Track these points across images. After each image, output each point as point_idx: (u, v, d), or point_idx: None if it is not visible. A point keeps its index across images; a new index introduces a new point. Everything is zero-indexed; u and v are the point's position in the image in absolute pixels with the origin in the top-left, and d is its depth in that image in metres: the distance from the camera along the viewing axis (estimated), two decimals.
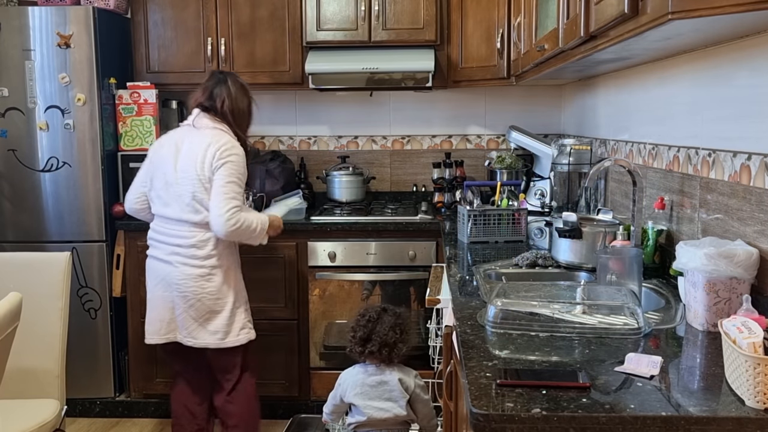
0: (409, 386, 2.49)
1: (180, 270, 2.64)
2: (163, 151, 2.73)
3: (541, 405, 1.19)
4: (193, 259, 2.64)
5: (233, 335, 2.71)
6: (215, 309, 2.67)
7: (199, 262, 2.64)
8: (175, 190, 2.65)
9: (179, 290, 2.65)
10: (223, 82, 2.75)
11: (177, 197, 2.65)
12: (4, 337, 1.91)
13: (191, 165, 2.63)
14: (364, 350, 2.51)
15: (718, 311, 1.57)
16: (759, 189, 1.64)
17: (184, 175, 2.64)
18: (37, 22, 3.27)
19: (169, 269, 2.66)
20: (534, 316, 1.67)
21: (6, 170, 3.35)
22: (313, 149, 3.97)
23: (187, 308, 2.66)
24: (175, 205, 2.66)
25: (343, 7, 3.43)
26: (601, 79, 3.01)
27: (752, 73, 1.68)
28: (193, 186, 2.62)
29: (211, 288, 2.65)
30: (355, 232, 3.32)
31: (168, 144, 2.74)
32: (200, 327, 2.67)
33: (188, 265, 2.64)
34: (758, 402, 1.17)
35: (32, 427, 2.25)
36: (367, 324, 2.53)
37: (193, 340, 2.69)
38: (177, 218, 2.66)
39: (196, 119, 2.72)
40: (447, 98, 3.90)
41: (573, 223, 2.25)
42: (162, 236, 2.70)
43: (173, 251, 2.67)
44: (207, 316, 2.67)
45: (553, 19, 2.16)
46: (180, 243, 2.65)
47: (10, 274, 2.51)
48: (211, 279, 2.66)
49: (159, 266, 2.70)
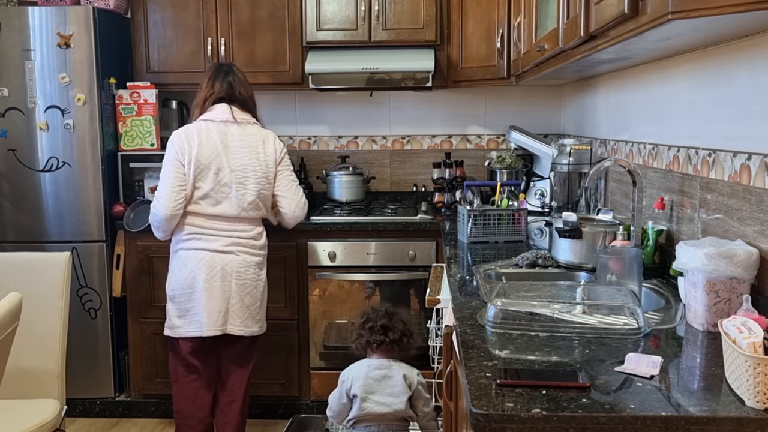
0: (413, 383, 2.49)
1: (242, 258, 2.73)
2: (206, 148, 2.67)
3: (541, 405, 1.18)
4: (253, 249, 2.76)
5: (264, 323, 2.89)
6: (263, 297, 2.83)
7: (257, 251, 2.78)
8: (234, 188, 2.68)
9: (239, 279, 2.72)
10: (231, 72, 2.83)
11: (236, 196, 2.68)
12: (4, 337, 1.91)
13: (253, 163, 2.71)
14: (385, 339, 2.51)
15: (718, 311, 1.57)
16: (759, 189, 1.64)
17: (244, 175, 2.69)
18: (37, 22, 3.27)
19: (230, 258, 2.70)
20: (534, 316, 1.67)
21: (6, 170, 3.35)
22: (313, 149, 3.97)
23: (243, 296, 2.73)
24: (232, 203, 2.69)
25: (343, 7, 3.43)
26: (601, 79, 3.01)
27: (752, 73, 1.68)
28: (259, 185, 2.72)
29: (263, 276, 2.84)
30: (355, 232, 3.32)
31: (208, 143, 2.68)
32: (251, 316, 2.78)
33: (249, 254, 2.75)
34: (758, 402, 1.17)
35: (32, 427, 2.25)
36: (385, 315, 2.57)
37: (245, 329, 2.77)
38: (235, 216, 2.70)
39: (235, 114, 2.75)
40: (447, 98, 3.90)
41: (573, 223, 2.25)
42: (216, 231, 2.70)
43: (234, 242, 2.71)
44: (258, 304, 2.80)
45: (553, 19, 2.16)
46: (240, 235, 2.73)
47: (10, 274, 2.51)
48: (263, 267, 2.83)
49: (217, 257, 2.69)
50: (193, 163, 2.66)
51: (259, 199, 2.74)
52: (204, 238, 2.70)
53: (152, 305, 3.35)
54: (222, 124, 2.73)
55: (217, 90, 2.77)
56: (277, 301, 3.31)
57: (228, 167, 2.67)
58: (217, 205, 2.69)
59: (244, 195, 2.70)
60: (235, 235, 2.72)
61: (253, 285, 2.76)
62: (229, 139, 2.71)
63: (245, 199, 2.70)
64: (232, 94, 2.78)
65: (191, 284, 2.70)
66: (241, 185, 2.69)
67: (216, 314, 2.70)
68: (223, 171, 2.67)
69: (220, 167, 2.67)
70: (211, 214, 2.69)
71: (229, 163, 2.67)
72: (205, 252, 2.70)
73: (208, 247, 2.69)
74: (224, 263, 2.69)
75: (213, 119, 2.74)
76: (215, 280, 2.69)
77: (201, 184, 2.67)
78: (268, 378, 3.40)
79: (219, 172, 2.67)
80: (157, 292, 3.29)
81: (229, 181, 2.67)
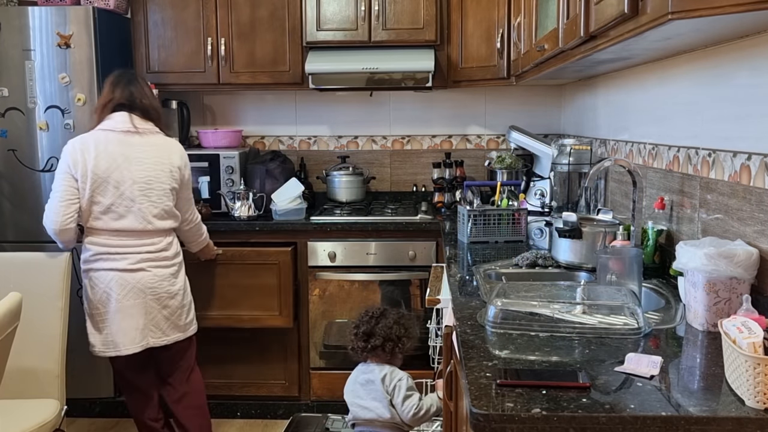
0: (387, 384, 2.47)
1: (153, 273, 2.63)
2: (102, 163, 2.55)
3: (541, 405, 1.19)
4: (165, 261, 2.68)
5: (194, 323, 2.84)
6: (183, 303, 2.75)
7: (169, 262, 2.70)
8: (136, 203, 2.57)
9: (153, 293, 2.63)
10: (134, 80, 2.72)
11: (140, 209, 2.58)
12: (4, 337, 1.91)
13: (158, 175, 2.62)
14: (366, 345, 2.50)
15: (718, 311, 1.57)
16: (759, 189, 1.64)
17: (149, 187, 2.60)
18: (37, 22, 3.27)
19: (141, 275, 2.60)
20: (534, 316, 1.67)
21: (6, 170, 3.35)
22: (313, 149, 3.97)
23: (160, 309, 2.66)
24: (137, 216, 2.58)
25: (343, 7, 3.43)
26: (601, 79, 3.01)
27: (752, 73, 1.68)
28: (164, 197, 2.65)
29: (180, 283, 2.75)
30: (355, 232, 3.32)
31: (106, 154, 2.56)
32: (172, 324, 2.72)
33: (161, 267, 2.66)
34: (758, 402, 1.17)
35: (32, 427, 2.25)
36: (369, 320, 2.54)
37: (166, 339, 2.71)
38: (140, 229, 2.60)
39: (135, 122, 2.63)
40: (447, 98, 3.90)
41: (573, 223, 2.25)
42: (121, 248, 2.59)
43: (142, 258, 2.61)
44: (178, 312, 2.72)
45: (553, 19, 2.16)
46: (149, 250, 2.63)
47: (10, 274, 2.51)
48: (178, 275, 2.75)
49: (127, 276, 2.58)
50: (89, 177, 2.54)
51: (164, 212, 2.64)
52: (111, 258, 2.59)
53: None
54: (122, 134, 2.60)
55: (117, 97, 2.65)
56: (270, 309, 3.25)
57: (130, 179, 2.56)
58: (120, 219, 2.57)
59: (149, 207, 2.60)
60: (143, 250, 2.61)
61: (169, 296, 2.67)
62: (130, 150, 2.59)
63: (150, 212, 2.60)
64: (132, 101, 2.65)
65: (105, 304, 2.60)
66: (145, 197, 2.59)
67: (133, 332, 2.60)
68: (124, 184, 2.56)
69: (120, 180, 2.56)
70: (115, 229, 2.58)
71: (132, 175, 2.57)
72: (114, 272, 2.58)
73: (117, 267, 2.58)
74: (135, 281, 2.59)
75: (113, 129, 2.61)
76: (128, 299, 2.59)
77: (100, 198, 2.55)
78: (268, 378, 3.40)
79: (120, 185, 2.56)
80: None
81: (132, 194, 2.57)
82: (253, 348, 3.37)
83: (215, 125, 3.96)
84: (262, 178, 3.54)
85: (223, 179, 3.46)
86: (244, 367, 3.40)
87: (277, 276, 3.24)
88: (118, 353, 2.62)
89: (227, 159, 3.46)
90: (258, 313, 3.24)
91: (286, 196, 3.39)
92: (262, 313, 3.24)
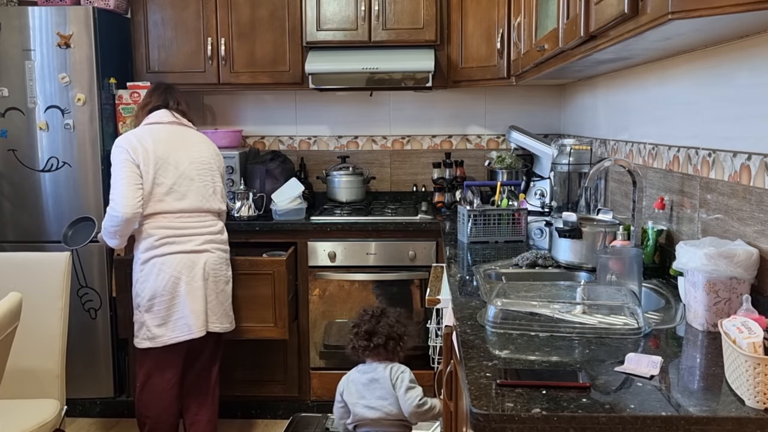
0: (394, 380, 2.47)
1: (218, 255, 2.77)
2: (161, 146, 2.67)
3: (541, 405, 1.19)
4: (224, 244, 2.82)
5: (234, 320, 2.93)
6: (230, 293, 2.87)
7: (226, 246, 2.84)
8: (195, 181, 2.72)
9: (215, 276, 2.75)
10: (171, 89, 2.92)
11: (198, 188, 2.72)
12: (4, 337, 1.91)
13: (208, 158, 2.78)
14: (369, 344, 2.49)
15: (718, 311, 1.57)
16: (759, 189, 1.64)
17: (204, 167, 2.75)
18: (37, 22, 3.27)
19: (207, 256, 2.72)
20: (534, 316, 1.67)
21: (6, 170, 3.35)
22: (313, 149, 3.97)
23: (218, 293, 2.77)
24: (196, 195, 2.72)
25: (343, 7, 3.43)
26: (601, 79, 3.01)
27: (752, 73, 1.68)
28: (214, 177, 2.79)
29: (230, 273, 2.88)
30: (355, 232, 3.32)
31: (161, 139, 2.70)
32: (224, 312, 2.82)
33: (222, 250, 2.80)
34: (758, 402, 1.17)
35: (32, 427, 2.25)
36: (371, 319, 2.54)
37: (220, 326, 2.79)
38: (199, 208, 2.72)
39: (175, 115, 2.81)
40: (447, 98, 3.90)
41: (573, 223, 2.25)
42: (185, 230, 2.69)
43: (207, 240, 2.74)
44: (228, 301, 2.85)
45: (553, 19, 2.16)
46: (210, 230, 2.76)
47: (10, 274, 2.51)
48: (230, 263, 2.87)
49: (193, 258, 2.68)
50: (151, 159, 2.63)
51: (218, 192, 2.81)
52: (177, 241, 2.66)
53: None
54: (170, 125, 2.79)
55: (154, 100, 2.85)
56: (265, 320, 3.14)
57: (188, 159, 2.70)
58: (183, 200, 2.67)
59: (206, 186, 2.74)
60: (205, 231, 2.73)
61: (225, 281, 2.82)
62: (182, 135, 2.77)
63: (207, 191, 2.74)
64: (168, 104, 2.84)
65: (173, 289, 2.65)
66: (201, 177, 2.74)
67: (202, 315, 2.70)
68: (183, 164, 2.69)
69: (179, 160, 2.69)
70: (177, 210, 2.67)
71: (189, 156, 2.71)
72: (182, 255, 2.67)
73: (184, 249, 2.67)
74: (202, 262, 2.71)
75: (159, 121, 2.77)
76: (197, 281, 2.68)
77: (163, 179, 2.64)
78: (268, 378, 3.40)
79: (179, 165, 2.68)
80: None
81: (190, 173, 2.70)
82: (253, 348, 3.37)
83: (215, 125, 3.96)
84: (262, 178, 3.54)
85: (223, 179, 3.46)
86: (244, 367, 3.40)
87: (272, 286, 3.12)
88: (190, 336, 2.67)
89: (227, 159, 3.45)
90: (252, 324, 3.11)
91: (286, 196, 3.39)
92: (256, 324, 3.12)
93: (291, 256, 3.27)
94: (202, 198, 2.73)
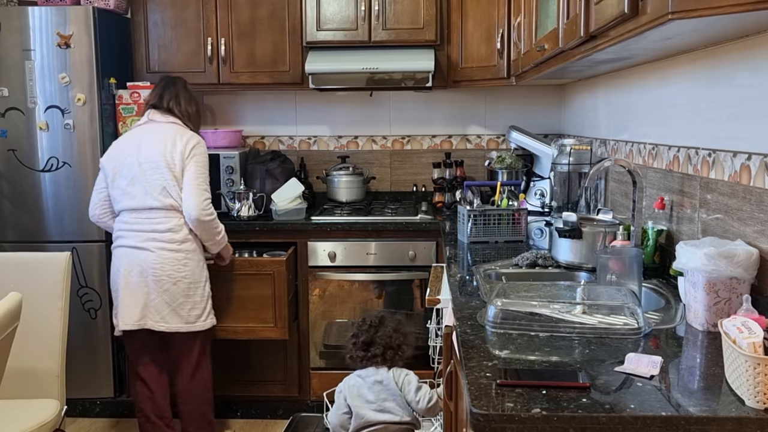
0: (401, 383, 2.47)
1: (158, 255, 2.74)
2: (120, 152, 2.82)
3: (541, 405, 1.19)
4: (171, 243, 2.76)
5: (202, 320, 2.84)
6: (189, 293, 2.79)
7: (177, 246, 2.77)
8: (141, 180, 2.75)
9: (155, 275, 2.73)
10: (170, 85, 2.95)
11: (145, 187, 2.75)
12: (4, 337, 1.91)
13: (157, 154, 2.76)
14: (366, 354, 2.49)
15: (718, 311, 1.57)
16: (759, 189, 1.64)
17: (150, 165, 2.76)
18: (37, 22, 3.27)
19: (145, 255, 2.74)
20: (534, 316, 1.67)
21: (6, 170, 3.35)
22: (313, 149, 3.97)
23: (161, 293, 2.74)
24: (143, 194, 2.75)
25: (343, 7, 3.43)
26: (601, 79, 3.01)
27: (752, 73, 1.68)
28: (161, 174, 2.75)
29: (187, 272, 2.78)
30: (355, 232, 3.32)
31: (124, 144, 2.84)
32: (173, 312, 2.77)
33: (166, 250, 2.75)
34: (758, 402, 1.17)
35: (32, 427, 2.25)
36: (369, 329, 2.52)
37: (165, 325, 2.77)
38: (145, 206, 2.75)
39: (151, 115, 2.88)
40: (447, 98, 3.90)
41: (573, 223, 2.25)
42: (134, 226, 2.77)
43: (150, 237, 2.75)
44: (181, 301, 2.77)
45: (553, 19, 2.16)
46: (156, 228, 2.75)
47: (10, 274, 2.51)
48: (187, 264, 2.79)
49: (134, 253, 2.75)
50: (111, 165, 2.82)
51: (166, 189, 2.76)
52: (124, 235, 2.79)
53: None
54: (140, 128, 2.89)
55: (150, 98, 2.95)
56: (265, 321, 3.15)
57: (137, 161, 2.77)
58: (132, 198, 2.77)
59: (152, 184, 2.75)
60: (149, 228, 2.75)
61: (171, 281, 2.74)
62: (141, 137, 2.82)
63: (153, 188, 2.76)
64: (160, 102, 2.91)
65: (116, 280, 2.81)
66: (149, 175, 2.76)
67: (133, 309, 2.75)
68: (133, 166, 2.77)
69: (131, 164, 2.78)
70: (130, 207, 2.78)
71: (138, 157, 2.78)
72: (124, 249, 2.78)
73: (126, 244, 2.78)
74: (140, 259, 2.75)
75: (138, 124, 2.93)
76: (132, 276, 2.75)
77: (120, 181, 2.80)
78: (268, 378, 3.40)
79: (131, 168, 2.78)
80: None
81: (139, 174, 2.76)
82: (253, 348, 3.37)
83: (215, 125, 3.96)
84: (262, 178, 3.54)
85: (223, 179, 3.46)
86: (244, 367, 3.40)
87: (272, 287, 3.13)
88: (118, 328, 2.80)
89: (227, 159, 3.46)
90: (252, 324, 3.14)
91: (286, 196, 3.39)
92: (256, 324, 3.13)
93: (291, 256, 3.27)
94: (148, 196, 2.75)
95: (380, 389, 2.47)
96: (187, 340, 2.84)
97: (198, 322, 2.82)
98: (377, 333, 2.51)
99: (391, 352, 2.48)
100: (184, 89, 2.97)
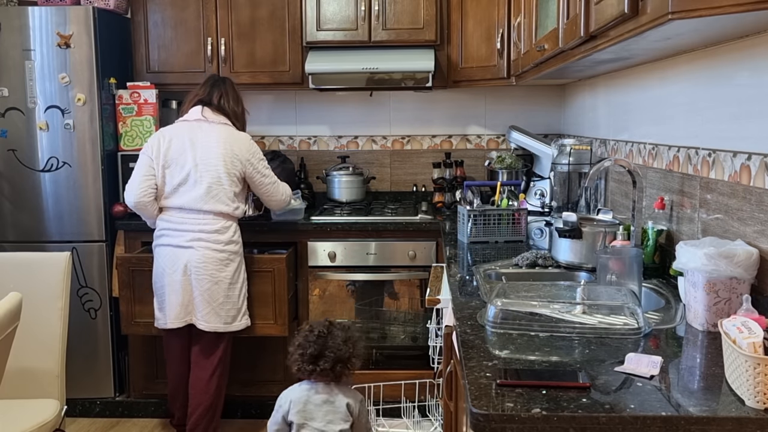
0: (354, 411, 2.37)
1: (202, 253, 2.80)
2: (175, 145, 2.82)
3: (541, 405, 1.19)
4: (216, 244, 2.82)
5: (238, 320, 2.91)
6: (229, 294, 2.85)
7: (222, 246, 2.83)
8: (195, 181, 2.78)
9: (197, 273, 2.80)
10: (220, 83, 2.98)
11: (197, 188, 2.78)
12: (4, 337, 1.91)
13: (216, 158, 2.79)
14: (315, 368, 2.33)
15: (718, 311, 1.57)
16: (759, 189, 1.64)
17: (206, 167, 2.79)
18: (37, 22, 3.27)
19: (190, 253, 2.80)
20: (534, 316, 1.67)
21: (6, 170, 3.35)
22: (313, 149, 3.97)
23: (202, 291, 2.81)
24: (195, 195, 2.78)
25: (343, 7, 3.43)
26: (601, 79, 3.01)
27: (752, 73, 1.68)
28: (218, 178, 2.80)
29: (229, 273, 2.84)
30: (355, 232, 3.32)
31: (177, 137, 2.84)
32: (213, 312, 2.83)
33: (210, 249, 2.81)
34: (758, 402, 1.17)
35: (32, 427, 2.25)
36: (317, 340, 2.35)
37: (205, 324, 2.84)
38: (199, 209, 2.79)
39: (204, 112, 2.88)
40: (447, 98, 3.90)
41: (573, 223, 2.25)
42: (180, 225, 2.81)
43: (195, 237, 2.80)
44: (221, 301, 2.84)
45: (553, 19, 2.16)
46: (203, 229, 2.80)
47: (10, 274, 2.51)
48: (229, 264, 2.85)
49: (178, 252, 2.81)
50: (161, 158, 2.82)
51: (218, 194, 2.81)
52: (169, 234, 2.83)
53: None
54: (193, 123, 2.88)
55: (200, 94, 2.96)
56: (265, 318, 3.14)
57: (193, 160, 2.80)
58: (183, 196, 2.81)
59: (205, 186, 2.79)
60: (197, 228, 2.80)
61: (213, 281, 2.81)
62: (196, 135, 2.84)
63: (206, 192, 2.79)
64: (210, 98, 2.94)
65: (161, 278, 2.86)
66: (202, 177, 2.80)
67: (178, 307, 2.83)
68: (188, 165, 2.80)
69: (185, 162, 2.81)
70: (178, 206, 2.81)
71: (195, 157, 2.80)
72: (170, 248, 2.83)
73: (172, 243, 2.82)
74: (186, 258, 2.80)
75: (187, 119, 2.91)
76: (176, 274, 2.81)
77: (170, 178, 2.82)
78: (268, 378, 3.40)
79: (185, 166, 2.80)
80: None
81: (192, 173, 2.79)
82: (252, 348, 3.37)
83: None
84: None
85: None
86: (244, 367, 3.40)
87: (272, 284, 3.12)
88: (165, 326, 2.88)
89: None
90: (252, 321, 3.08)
91: None
92: (256, 321, 3.10)
93: (291, 255, 3.27)
94: (201, 199, 2.80)
95: (329, 410, 2.35)
96: (218, 340, 2.91)
97: (234, 323, 2.90)
98: (326, 344, 2.35)
99: (341, 366, 2.35)
100: (232, 88, 3.02)
